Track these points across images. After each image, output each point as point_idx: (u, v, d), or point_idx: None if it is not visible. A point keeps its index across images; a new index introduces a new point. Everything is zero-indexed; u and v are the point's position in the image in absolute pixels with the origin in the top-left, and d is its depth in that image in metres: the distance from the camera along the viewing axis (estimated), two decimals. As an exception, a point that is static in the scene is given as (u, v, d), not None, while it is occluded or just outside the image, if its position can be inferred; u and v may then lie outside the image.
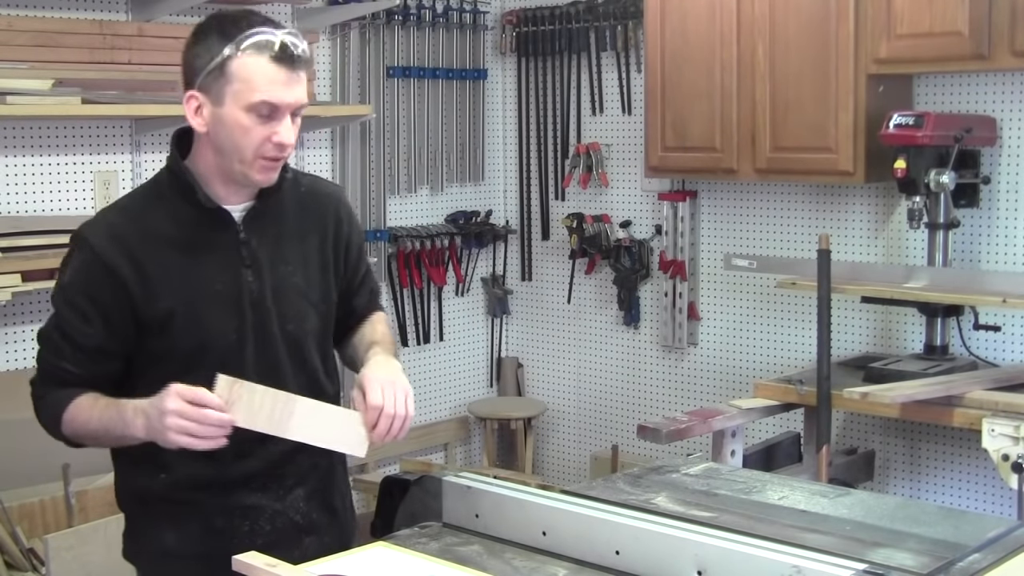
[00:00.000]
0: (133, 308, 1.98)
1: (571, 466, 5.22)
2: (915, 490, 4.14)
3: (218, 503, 2.05)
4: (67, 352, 2.01)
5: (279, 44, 1.92)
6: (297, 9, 4.47)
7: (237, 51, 1.91)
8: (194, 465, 1.98)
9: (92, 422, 1.99)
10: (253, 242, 2.04)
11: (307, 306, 2.10)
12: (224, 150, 1.97)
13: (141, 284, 1.97)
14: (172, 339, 1.99)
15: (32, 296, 3.67)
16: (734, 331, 4.63)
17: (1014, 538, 1.78)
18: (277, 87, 1.93)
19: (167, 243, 1.99)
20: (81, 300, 1.99)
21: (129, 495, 2.13)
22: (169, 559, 2.07)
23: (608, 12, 4.86)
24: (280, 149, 1.97)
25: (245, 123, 1.93)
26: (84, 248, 1.99)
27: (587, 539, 1.77)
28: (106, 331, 1.99)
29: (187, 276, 2.00)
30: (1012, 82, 3.83)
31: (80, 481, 3.61)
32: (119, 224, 2.01)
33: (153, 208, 2.03)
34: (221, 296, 2.01)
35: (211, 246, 2.02)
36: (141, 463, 2.04)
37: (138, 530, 2.13)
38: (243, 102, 1.92)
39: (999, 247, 3.90)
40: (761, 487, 2.12)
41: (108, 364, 2.02)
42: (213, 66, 1.93)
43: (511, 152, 5.32)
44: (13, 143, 3.77)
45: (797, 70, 3.96)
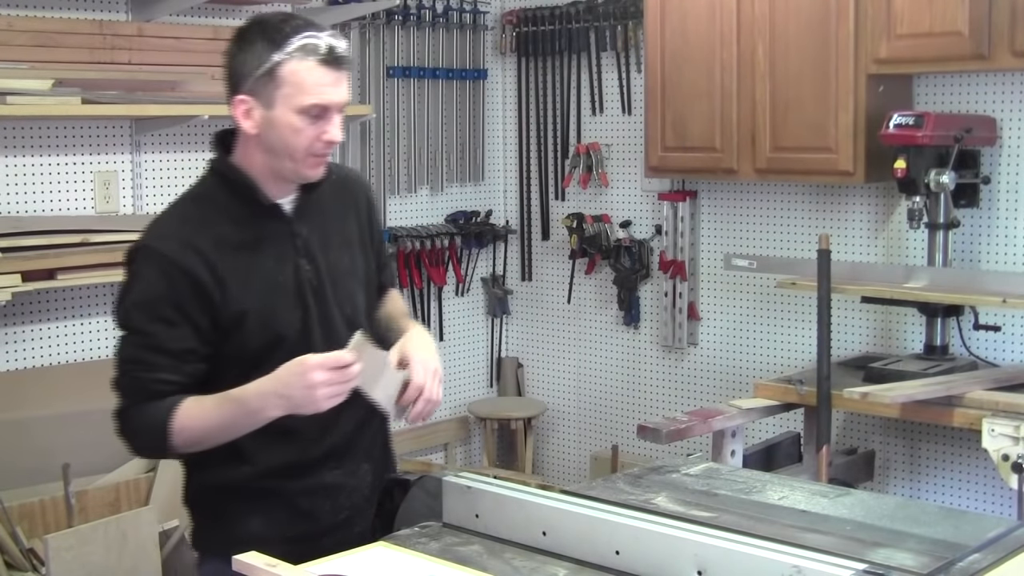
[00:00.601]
0: (212, 310, 2.04)
1: (571, 466, 5.22)
2: (915, 490, 4.14)
3: (302, 485, 2.12)
4: (162, 363, 2.03)
5: (325, 47, 2.01)
6: (297, 9, 4.47)
7: (285, 56, 2.00)
8: (279, 451, 2.08)
9: (211, 422, 2.02)
10: (304, 232, 2.13)
11: (356, 286, 2.20)
12: (275, 150, 2.05)
13: (217, 287, 2.03)
14: (245, 337, 2.06)
15: (32, 296, 3.67)
16: (734, 331, 4.63)
17: (1014, 538, 1.78)
18: (326, 89, 2.02)
19: (230, 245, 2.06)
20: (166, 310, 2.02)
21: (206, 489, 2.17)
22: (255, 546, 2.06)
23: (608, 12, 4.86)
24: (329, 146, 2.06)
25: (297, 124, 2.01)
26: (157, 259, 2.04)
27: (587, 539, 1.77)
28: (194, 333, 2.04)
29: (253, 275, 2.07)
30: (1012, 82, 3.83)
31: (80, 481, 3.61)
32: (185, 231, 2.07)
33: (210, 212, 2.10)
34: (284, 289, 2.10)
35: (268, 242, 2.10)
36: (219, 458, 2.09)
37: (218, 521, 2.17)
38: (294, 105, 2.01)
39: (999, 247, 3.89)
40: (761, 487, 2.12)
41: (198, 364, 2.06)
42: (262, 71, 2.01)
43: (511, 152, 5.32)
44: (13, 143, 3.77)
45: (797, 70, 3.96)
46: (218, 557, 2.09)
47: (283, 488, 2.13)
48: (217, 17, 4.25)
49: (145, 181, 4.09)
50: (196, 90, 4.04)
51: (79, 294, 3.92)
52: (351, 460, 2.18)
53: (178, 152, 4.18)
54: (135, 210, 4.05)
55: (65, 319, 3.91)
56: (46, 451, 3.65)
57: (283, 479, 2.12)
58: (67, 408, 3.76)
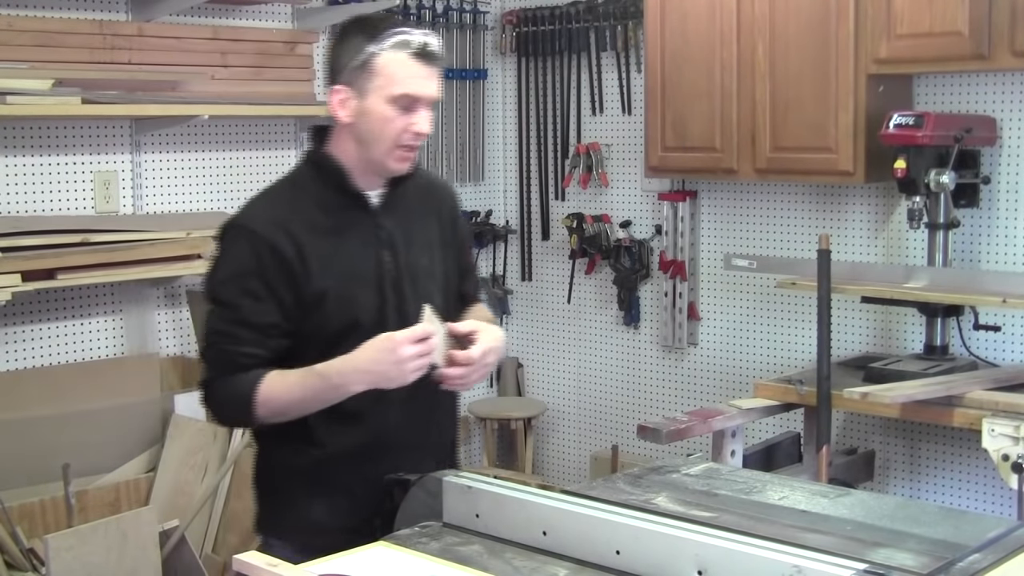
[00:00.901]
0: (295, 287, 2.14)
1: (571, 466, 5.22)
2: (915, 490, 4.14)
3: (365, 473, 2.17)
4: (246, 336, 2.14)
5: (418, 42, 2.14)
6: (297, 9, 4.48)
7: (380, 49, 2.12)
8: (346, 437, 2.18)
9: (294, 394, 2.12)
10: (388, 226, 2.24)
11: (434, 287, 2.28)
12: (365, 140, 2.17)
13: (301, 265, 2.14)
14: (324, 318, 2.16)
15: (32, 296, 3.67)
16: (734, 331, 4.63)
17: (1014, 538, 1.78)
18: (417, 81, 2.14)
19: (317, 228, 2.17)
20: (253, 283, 2.14)
21: (274, 470, 2.27)
22: (316, 531, 2.17)
23: (608, 12, 4.86)
24: (417, 138, 2.17)
25: (387, 114, 2.14)
26: (247, 236, 2.16)
27: (588, 539, 1.77)
28: (278, 307, 2.15)
29: (336, 258, 2.18)
30: (1012, 82, 3.83)
31: (80, 481, 3.61)
32: (273, 211, 2.19)
33: (300, 197, 2.21)
34: (364, 277, 2.20)
35: (353, 230, 2.21)
36: (290, 440, 2.19)
37: (283, 504, 2.25)
38: (386, 95, 2.13)
39: (999, 247, 3.90)
40: (761, 487, 2.12)
41: (281, 340, 2.16)
42: (358, 62, 2.13)
43: (511, 152, 5.32)
44: (13, 143, 3.77)
45: (797, 70, 3.96)
46: (280, 540, 2.21)
47: (348, 476, 2.20)
48: (217, 17, 4.25)
49: (145, 181, 4.09)
50: (196, 90, 4.05)
51: (79, 294, 3.92)
52: (418, 456, 2.23)
53: (178, 152, 4.18)
54: (135, 210, 4.05)
55: (65, 319, 3.91)
56: (46, 451, 3.65)
57: (349, 466, 2.19)
58: (67, 408, 3.76)
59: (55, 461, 3.50)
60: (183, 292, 4.14)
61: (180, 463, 3.88)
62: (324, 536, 2.12)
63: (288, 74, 4.39)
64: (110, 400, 3.86)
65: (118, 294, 4.01)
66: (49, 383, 3.78)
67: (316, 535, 2.15)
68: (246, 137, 4.37)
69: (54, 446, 3.66)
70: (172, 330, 4.17)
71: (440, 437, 2.35)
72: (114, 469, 3.86)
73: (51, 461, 3.56)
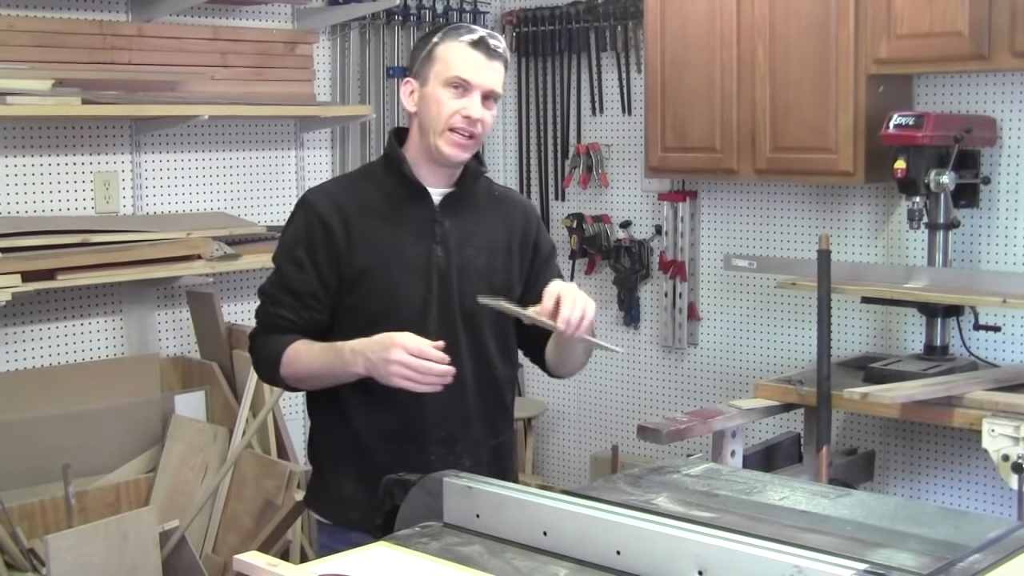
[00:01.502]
0: (338, 261, 2.27)
1: (571, 466, 5.22)
2: (915, 490, 4.15)
3: (394, 457, 2.22)
4: (285, 300, 2.29)
5: (478, 35, 2.27)
6: (297, 9, 4.48)
7: (444, 39, 2.27)
8: (376, 416, 2.27)
9: (313, 363, 2.25)
10: (446, 223, 2.31)
11: (486, 288, 2.31)
12: (424, 126, 2.28)
13: (347, 241, 2.26)
14: (364, 296, 2.27)
15: (32, 296, 3.67)
16: (734, 331, 4.63)
17: (1014, 539, 1.78)
18: (470, 67, 2.24)
19: (372, 211, 2.29)
20: (300, 252, 2.28)
21: (316, 447, 2.41)
22: (347, 506, 2.32)
23: (608, 12, 4.86)
24: (469, 123, 2.24)
25: (441, 97, 2.25)
26: (306, 207, 2.31)
27: (588, 539, 1.77)
28: (318, 279, 2.27)
29: (385, 240, 2.28)
30: (1012, 82, 3.83)
31: (80, 481, 3.61)
32: (336, 190, 2.35)
33: (366, 182, 2.36)
34: (412, 264, 2.28)
35: (409, 219, 2.30)
36: (328, 419, 2.34)
37: (322, 478, 2.40)
38: (441, 79, 2.25)
39: (999, 247, 3.90)
40: (762, 488, 2.12)
41: (318, 312, 2.29)
42: (424, 53, 2.29)
43: (511, 152, 5.32)
44: (13, 143, 3.77)
45: (797, 71, 3.96)
46: (318, 513, 2.40)
47: (375, 456, 2.28)
48: (217, 17, 4.26)
49: (145, 181, 4.09)
50: (196, 90, 4.05)
51: (79, 294, 3.92)
52: (449, 451, 2.30)
53: (178, 152, 4.18)
54: (135, 210, 4.06)
55: (65, 319, 3.91)
56: (46, 451, 3.65)
57: (378, 445, 2.28)
58: (67, 408, 3.76)
59: (55, 461, 3.51)
60: (183, 292, 4.14)
61: (180, 463, 3.88)
62: (355, 510, 2.26)
63: (288, 74, 4.40)
64: (110, 400, 3.86)
65: (118, 294, 4.01)
66: (49, 383, 3.78)
67: (349, 509, 2.30)
68: (246, 137, 4.37)
69: (54, 446, 3.66)
70: (172, 330, 4.17)
71: (484, 436, 2.37)
72: (114, 469, 3.86)
73: (51, 461, 3.56)
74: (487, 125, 2.29)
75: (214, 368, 4.02)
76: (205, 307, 4.06)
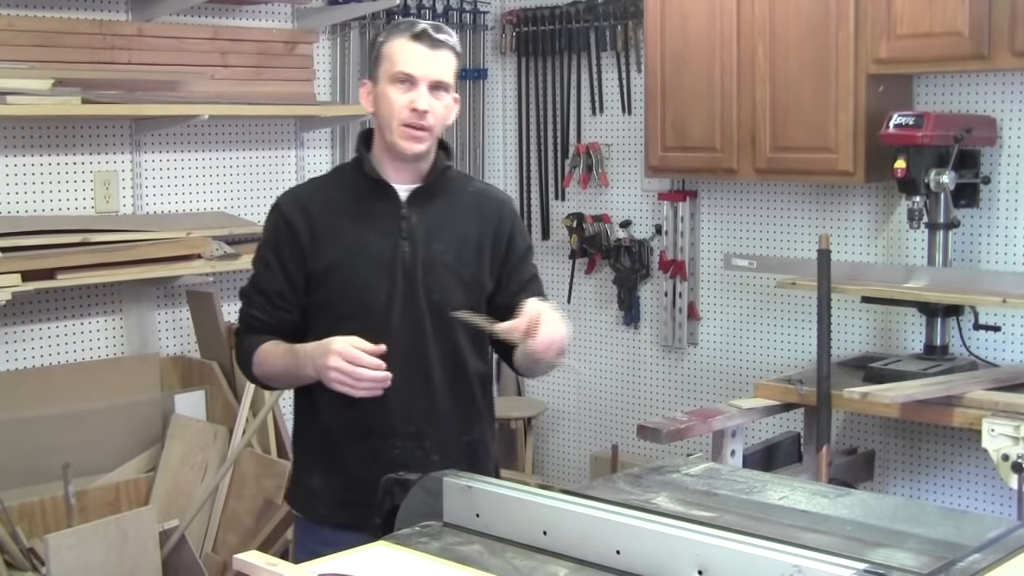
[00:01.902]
0: (304, 259, 2.31)
1: (571, 466, 5.22)
2: (915, 490, 4.14)
3: (359, 453, 2.31)
4: (257, 301, 2.37)
5: (420, 27, 2.30)
6: (297, 9, 4.48)
7: (388, 37, 2.32)
8: (341, 413, 2.29)
9: (277, 365, 2.33)
10: (413, 218, 2.34)
11: (455, 281, 2.35)
12: (380, 123, 2.33)
13: (311, 238, 2.31)
14: (331, 293, 2.31)
15: (32, 296, 3.67)
16: (734, 331, 4.63)
17: (1014, 538, 1.78)
18: (412, 60, 2.28)
19: (339, 210, 2.34)
20: (268, 253, 2.36)
21: (297, 442, 2.48)
22: (315, 500, 2.39)
23: (608, 12, 4.86)
24: (418, 116, 2.27)
25: (390, 94, 2.29)
26: (275, 211, 2.38)
27: (588, 539, 1.77)
28: (284, 278, 2.33)
29: (350, 238, 2.31)
30: (1012, 82, 3.83)
31: (80, 481, 3.61)
32: (304, 192, 2.41)
33: (335, 182, 2.42)
34: (377, 260, 2.31)
35: (376, 216, 2.34)
36: (303, 415, 2.41)
37: (297, 474, 2.47)
38: (388, 75, 2.29)
39: (999, 247, 3.90)
40: (761, 487, 2.12)
41: (288, 312, 2.35)
42: (374, 54, 2.34)
43: (511, 152, 5.32)
44: (13, 143, 3.77)
45: (797, 70, 3.96)
46: (293, 507, 2.47)
47: (342, 450, 2.33)
48: (217, 17, 4.26)
49: (145, 181, 4.09)
50: (196, 90, 4.05)
51: (79, 294, 3.92)
52: (415, 445, 2.32)
53: (178, 152, 4.18)
54: (135, 210, 4.05)
55: (65, 319, 3.91)
56: (46, 451, 3.65)
57: (343, 441, 2.33)
58: (67, 408, 3.76)
59: (55, 461, 3.51)
60: (183, 292, 4.14)
61: (180, 463, 3.88)
62: (323, 505, 2.36)
63: (288, 74, 4.40)
64: (110, 400, 3.86)
65: (118, 294, 4.01)
66: (49, 383, 3.78)
67: (318, 504, 2.37)
68: (246, 137, 4.37)
69: (54, 446, 3.66)
70: (172, 330, 4.17)
71: (455, 432, 2.38)
72: (114, 469, 3.86)
73: (51, 461, 3.56)
74: (439, 115, 2.31)
75: (214, 367, 4.02)
76: (205, 306, 4.06)
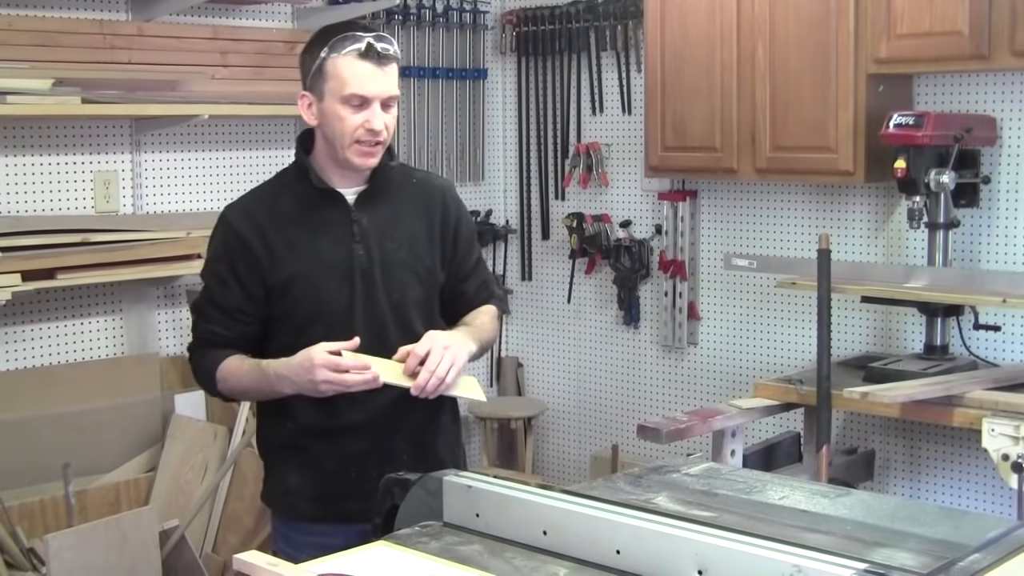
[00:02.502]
0: (261, 274, 2.31)
1: (571, 466, 5.22)
2: (915, 490, 4.14)
3: (330, 448, 2.36)
4: (214, 316, 2.36)
5: (365, 44, 2.25)
6: (297, 9, 4.48)
7: (331, 53, 2.26)
8: (313, 413, 2.32)
9: (242, 381, 2.34)
10: (363, 220, 2.35)
11: (411, 277, 2.39)
12: (329, 139, 2.31)
13: (267, 253, 2.31)
14: (291, 305, 2.32)
15: (32, 296, 3.67)
16: (734, 331, 4.63)
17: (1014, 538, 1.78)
18: (365, 81, 2.25)
19: (289, 221, 2.33)
20: (222, 268, 2.34)
21: (266, 443, 2.48)
22: (292, 499, 2.42)
23: (608, 12, 4.86)
24: (373, 135, 2.28)
25: (341, 114, 2.27)
26: (224, 225, 2.36)
27: (588, 538, 1.77)
28: (243, 293, 2.33)
29: (305, 248, 2.32)
30: (1012, 82, 3.83)
31: (80, 481, 3.61)
32: (251, 205, 2.37)
33: (280, 193, 2.38)
34: (334, 267, 2.32)
35: (327, 224, 2.34)
36: (275, 415, 2.40)
37: (271, 474, 2.48)
38: (337, 95, 2.26)
39: (999, 247, 3.90)
40: (761, 487, 2.12)
41: (247, 326, 2.36)
42: (315, 68, 2.28)
43: (511, 152, 5.32)
44: (13, 143, 3.77)
45: (797, 70, 3.96)
46: (271, 507, 2.49)
47: (314, 448, 2.37)
48: (217, 17, 4.25)
49: (145, 181, 4.09)
50: (196, 90, 4.04)
51: (79, 294, 3.92)
52: (383, 435, 2.37)
53: (178, 152, 4.18)
54: (135, 210, 4.05)
55: (65, 319, 3.91)
56: (46, 451, 3.65)
57: (315, 439, 2.36)
58: (67, 408, 3.76)
59: (55, 460, 3.51)
60: (183, 292, 4.14)
61: (180, 463, 3.88)
62: (301, 502, 2.40)
63: (288, 74, 4.37)
64: (110, 400, 3.86)
65: (118, 294, 4.01)
66: (49, 383, 3.78)
67: (296, 500, 2.41)
68: (246, 137, 4.37)
69: (54, 445, 3.66)
70: (172, 330, 4.17)
71: (422, 422, 2.43)
72: (114, 469, 3.86)
73: (51, 460, 3.56)
74: (391, 128, 2.32)
75: (214, 368, 4.02)
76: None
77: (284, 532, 2.45)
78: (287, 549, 2.36)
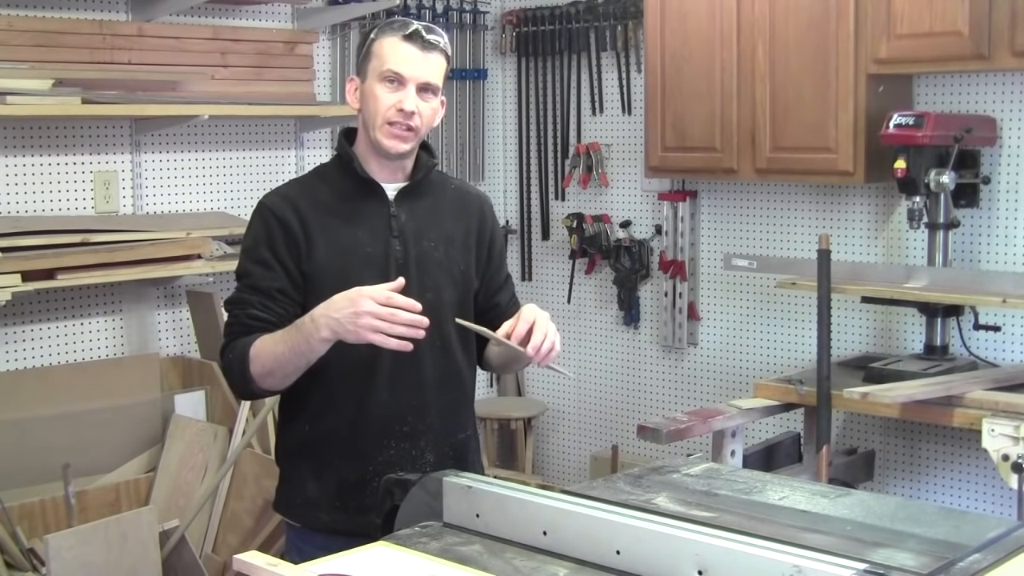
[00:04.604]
0: (299, 257, 2.28)
1: (571, 466, 5.22)
2: (915, 490, 4.14)
3: (352, 456, 2.29)
4: (254, 301, 2.27)
5: (412, 28, 2.27)
6: (297, 9, 4.48)
7: (379, 36, 2.29)
8: (331, 418, 2.29)
9: (276, 348, 2.20)
10: (402, 216, 2.34)
11: (446, 278, 2.36)
12: (365, 121, 2.31)
13: (305, 240, 2.28)
14: (325, 292, 2.20)
15: (32, 296, 3.67)
16: (734, 331, 4.63)
17: (1014, 538, 1.78)
18: (403, 60, 2.25)
19: (328, 210, 2.31)
20: (264, 252, 2.28)
21: (284, 449, 2.41)
22: (312, 508, 2.34)
23: (608, 12, 4.86)
24: (405, 116, 2.25)
25: (377, 92, 2.26)
26: (263, 211, 2.32)
27: (588, 539, 1.77)
28: (286, 275, 2.27)
29: (342, 238, 2.29)
30: (1012, 82, 3.83)
31: (80, 481, 3.61)
32: (290, 192, 2.35)
33: (319, 183, 2.37)
34: (371, 259, 2.30)
35: (365, 216, 2.32)
36: (290, 421, 2.36)
37: (287, 481, 2.40)
38: (376, 73, 2.27)
39: (999, 247, 3.90)
40: (761, 487, 2.12)
41: (289, 307, 2.27)
42: (364, 52, 2.31)
43: (511, 152, 5.32)
44: (13, 143, 3.77)
45: (797, 70, 3.96)
46: (287, 516, 2.40)
47: (335, 455, 2.30)
48: (217, 17, 4.26)
49: (145, 181, 4.09)
50: (196, 90, 4.05)
51: (79, 294, 3.92)
52: (411, 444, 2.32)
53: (178, 152, 4.18)
54: (135, 210, 4.05)
55: (65, 319, 3.91)
56: (46, 451, 3.65)
57: (336, 446, 2.30)
58: (67, 408, 3.76)
59: (55, 461, 3.51)
60: (183, 292, 4.14)
61: (180, 463, 3.88)
62: (322, 512, 2.32)
63: (288, 74, 4.40)
64: (110, 400, 3.86)
65: (118, 294, 4.01)
66: (49, 383, 3.78)
67: (316, 511, 2.33)
68: (246, 137, 4.37)
69: (54, 446, 3.66)
70: (172, 330, 4.17)
71: (448, 431, 2.38)
72: (114, 469, 3.86)
73: (51, 461, 3.56)
74: (425, 117, 2.29)
75: (214, 368, 4.02)
76: (205, 307, 4.06)
77: (299, 545, 2.36)
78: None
